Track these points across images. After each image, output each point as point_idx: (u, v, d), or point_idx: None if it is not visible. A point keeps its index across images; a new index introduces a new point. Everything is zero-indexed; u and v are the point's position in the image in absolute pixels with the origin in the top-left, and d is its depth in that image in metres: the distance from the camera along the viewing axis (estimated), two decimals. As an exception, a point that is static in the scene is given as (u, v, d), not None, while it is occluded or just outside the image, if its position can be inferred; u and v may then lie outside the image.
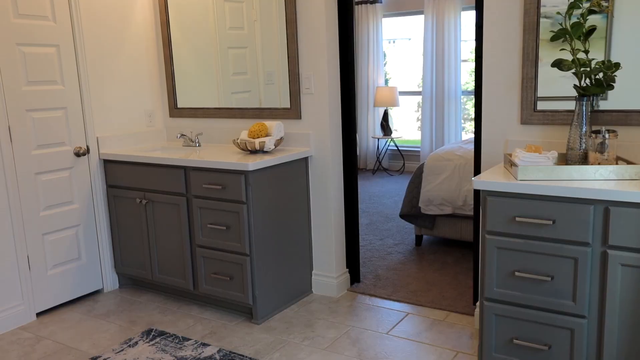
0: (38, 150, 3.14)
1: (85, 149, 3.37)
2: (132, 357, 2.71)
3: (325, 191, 3.28)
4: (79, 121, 3.33)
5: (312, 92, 3.21)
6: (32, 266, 3.15)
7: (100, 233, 3.49)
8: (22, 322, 3.10)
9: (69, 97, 3.27)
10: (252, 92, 3.55)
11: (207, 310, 3.23)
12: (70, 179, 3.31)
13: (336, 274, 3.37)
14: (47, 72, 3.15)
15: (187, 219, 3.15)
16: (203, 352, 2.74)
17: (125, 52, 3.57)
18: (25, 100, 3.05)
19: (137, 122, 3.69)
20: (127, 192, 3.39)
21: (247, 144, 3.14)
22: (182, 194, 3.15)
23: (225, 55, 3.58)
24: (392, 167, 7.71)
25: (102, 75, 3.44)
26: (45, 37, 3.12)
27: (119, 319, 3.16)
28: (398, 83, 8.19)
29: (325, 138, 3.22)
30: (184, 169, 3.11)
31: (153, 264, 3.37)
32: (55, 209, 3.25)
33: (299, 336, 2.88)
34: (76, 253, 3.38)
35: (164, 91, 3.84)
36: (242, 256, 2.98)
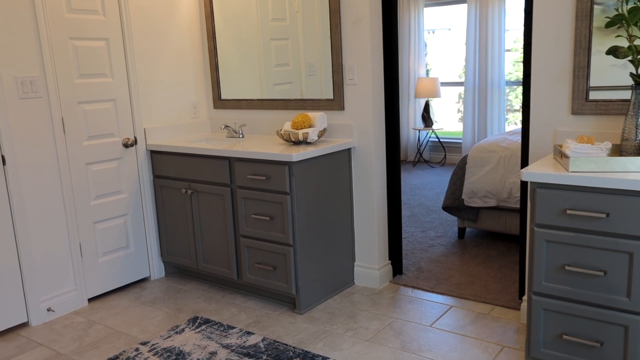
0: (89, 141, 3.24)
1: (133, 140, 3.46)
2: (179, 343, 2.78)
3: (368, 182, 3.27)
4: (127, 113, 3.42)
5: (355, 82, 3.20)
6: (84, 253, 3.26)
7: (147, 222, 3.58)
8: (75, 307, 3.22)
9: (117, 90, 3.35)
10: (293, 84, 3.56)
11: (250, 300, 3.28)
12: (118, 169, 3.40)
13: (378, 266, 3.36)
14: (98, 65, 3.23)
15: (231, 209, 3.20)
16: (247, 340, 2.79)
17: (170, 45, 3.64)
18: (77, 93, 3.15)
19: (182, 113, 3.76)
20: (173, 183, 3.46)
21: (290, 135, 3.16)
22: (226, 184, 3.19)
23: (267, 47, 3.60)
24: (433, 159, 7.62)
25: (149, 68, 3.52)
26: (96, 31, 3.21)
27: (165, 306, 3.24)
28: (439, 74, 8.07)
29: (369, 129, 3.21)
30: (228, 159, 3.15)
31: (198, 253, 3.43)
32: (105, 199, 3.35)
33: (341, 327, 2.89)
34: (125, 241, 3.48)
35: (208, 83, 3.89)
36: (285, 246, 3.01)
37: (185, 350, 2.70)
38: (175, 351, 2.70)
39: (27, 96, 2.91)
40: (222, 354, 2.65)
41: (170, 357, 2.64)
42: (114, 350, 2.74)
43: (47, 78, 2.98)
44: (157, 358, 2.64)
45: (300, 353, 2.63)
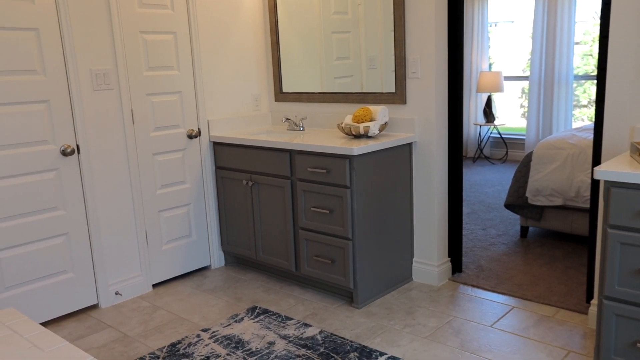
0: (156, 132, 3.34)
1: (197, 131, 3.54)
2: (239, 332, 2.84)
3: (429, 178, 3.22)
4: (192, 105, 3.50)
5: (419, 76, 3.15)
6: (150, 241, 3.38)
7: (208, 212, 3.66)
8: (140, 292, 3.34)
9: (183, 82, 3.44)
10: (354, 77, 3.54)
11: (308, 292, 3.31)
12: (183, 159, 3.50)
13: (437, 263, 3.31)
14: (165, 58, 3.33)
15: (291, 201, 3.22)
16: (305, 332, 2.81)
17: (234, 39, 3.69)
18: (145, 85, 3.25)
19: (244, 106, 3.82)
20: (234, 174, 3.53)
21: (351, 129, 3.14)
22: (287, 176, 3.22)
23: (329, 40, 3.60)
24: (494, 155, 7.42)
25: (213, 61, 3.59)
26: (164, 25, 3.30)
27: (225, 295, 3.31)
28: (501, 68, 7.83)
29: (431, 124, 3.15)
30: (289, 152, 3.18)
31: (257, 244, 3.49)
32: (170, 188, 3.45)
33: (399, 323, 2.87)
34: (187, 230, 3.57)
35: (270, 76, 3.93)
36: (344, 240, 3.01)
37: (245, 339, 2.76)
38: (234, 339, 2.76)
39: (100, 88, 3.03)
40: (280, 344, 2.69)
41: (230, 345, 2.70)
42: (176, 335, 2.83)
43: (118, 71, 3.10)
44: (217, 345, 2.71)
45: (358, 347, 2.63)
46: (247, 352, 2.63)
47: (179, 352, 2.65)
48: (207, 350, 2.66)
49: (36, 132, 2.83)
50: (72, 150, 2.94)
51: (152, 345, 2.74)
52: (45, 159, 2.87)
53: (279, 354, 2.60)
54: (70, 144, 2.96)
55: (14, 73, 2.72)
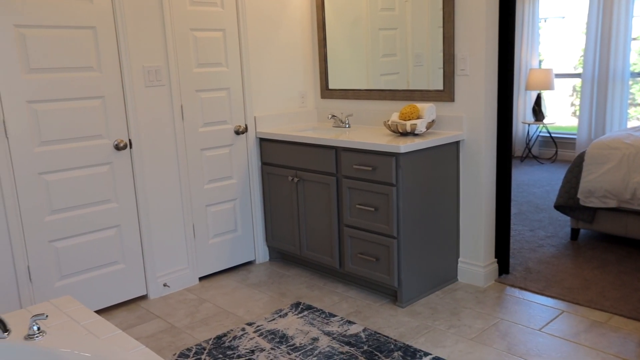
0: (204, 128, 3.40)
1: (244, 127, 3.59)
2: (283, 327, 2.86)
3: (477, 177, 3.16)
4: (240, 101, 3.55)
5: (467, 73, 3.09)
6: (197, 234, 3.45)
7: (254, 208, 3.71)
8: (187, 285, 3.42)
9: (231, 79, 3.49)
10: (400, 74, 3.51)
11: (351, 289, 3.30)
12: (230, 155, 3.55)
13: (484, 263, 3.24)
14: (214, 55, 3.38)
15: (336, 198, 3.22)
16: (349, 329, 2.81)
17: (281, 36, 3.72)
18: (195, 81, 3.32)
19: (290, 102, 3.84)
20: (280, 170, 3.56)
21: (398, 126, 3.12)
22: (332, 173, 3.23)
23: (375, 37, 3.57)
24: (542, 155, 7.22)
25: (261, 58, 3.62)
26: (214, 23, 3.35)
27: (269, 290, 3.35)
28: (552, 65, 7.60)
29: (479, 122, 3.09)
30: (335, 149, 3.18)
31: (302, 240, 3.51)
32: (217, 183, 3.51)
33: (444, 323, 2.83)
34: (233, 225, 3.63)
35: (316, 73, 3.94)
36: (389, 238, 2.99)
37: (289, 334, 2.78)
38: (279, 334, 2.78)
39: (152, 84, 3.11)
40: (323, 341, 2.70)
41: (274, 340, 2.73)
42: (222, 328, 2.88)
43: (169, 67, 3.17)
44: (262, 339, 2.74)
45: (402, 346, 2.61)
46: (291, 347, 2.65)
47: (225, 344, 2.70)
48: (252, 344, 2.69)
49: (92, 127, 2.92)
50: (124, 145, 3.03)
51: (199, 337, 2.80)
52: (99, 153, 2.97)
53: (322, 350, 2.61)
54: (123, 139, 3.05)
55: (73, 70, 2.83)
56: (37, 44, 2.69)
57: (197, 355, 2.61)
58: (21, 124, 2.69)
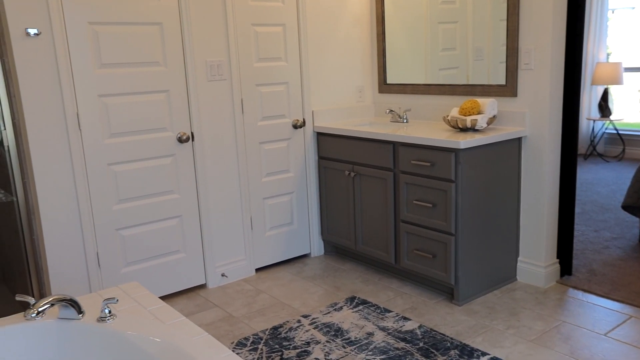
0: (263, 121, 3.46)
1: (302, 121, 3.62)
2: (338, 320, 2.88)
3: (539, 174, 3.07)
4: (298, 95, 3.58)
5: (532, 67, 3.00)
6: (254, 226, 3.51)
7: (310, 201, 3.74)
8: (244, 275, 3.49)
9: (290, 73, 3.52)
10: (459, 69, 3.45)
11: (406, 285, 3.28)
12: (287, 149, 3.59)
13: (545, 264, 3.15)
14: (274, 49, 3.42)
15: (393, 193, 3.21)
16: (404, 325, 2.79)
17: (340, 30, 3.72)
18: (255, 76, 3.37)
19: (348, 97, 3.84)
20: (336, 164, 3.57)
21: (457, 122, 3.07)
22: (389, 168, 3.21)
23: (435, 31, 3.52)
24: (608, 153, 6.92)
25: (320, 52, 3.64)
26: (274, 17, 3.39)
27: (324, 283, 3.37)
28: (620, 58, 7.26)
29: (543, 118, 3.00)
30: (392, 144, 3.16)
31: (357, 235, 3.51)
32: (274, 176, 3.56)
33: (502, 323, 2.77)
34: (289, 218, 3.67)
35: (374, 67, 3.93)
36: (446, 235, 2.95)
37: (344, 328, 2.79)
38: (334, 327, 2.80)
39: (214, 78, 3.18)
40: (379, 336, 2.70)
41: (329, 333, 2.75)
42: (278, 319, 2.93)
43: (231, 62, 3.23)
44: (317, 331, 2.77)
45: (458, 345, 2.57)
46: (346, 341, 2.66)
47: (281, 335, 2.74)
48: (307, 336, 2.72)
49: (157, 120, 3.02)
50: (187, 138, 3.12)
51: (255, 327, 2.85)
52: (163, 145, 3.07)
53: (377, 345, 2.61)
54: (186, 132, 3.14)
55: (140, 65, 2.93)
56: (108, 40, 2.81)
57: (254, 344, 2.66)
58: (93, 116, 2.81)
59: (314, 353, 2.56)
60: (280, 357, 2.54)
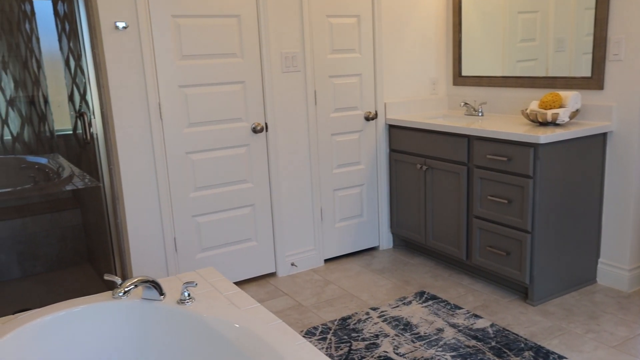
0: (335, 113, 3.47)
1: (374, 113, 3.60)
2: (407, 314, 2.86)
3: (626, 172, 2.90)
4: (371, 87, 3.56)
5: (621, 58, 2.84)
6: (324, 217, 3.54)
7: (380, 194, 3.72)
8: (313, 265, 3.53)
9: (364, 65, 3.51)
10: (538, 60, 3.31)
11: (477, 282, 3.21)
12: (359, 141, 3.58)
13: (630, 267, 2.98)
14: (348, 41, 3.42)
15: (466, 188, 3.14)
16: (475, 323, 2.74)
17: (415, 21, 3.66)
18: (328, 67, 3.38)
19: (421, 89, 3.79)
20: (408, 157, 3.53)
21: (537, 115, 2.95)
22: (463, 163, 3.14)
23: (514, 21, 3.39)
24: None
25: (393, 44, 3.60)
26: (349, 9, 3.38)
27: (393, 277, 3.35)
28: None
29: (633, 112, 2.83)
30: (467, 138, 3.08)
31: (427, 229, 3.46)
32: (345, 168, 3.57)
33: (581, 327, 2.66)
34: (359, 210, 3.67)
35: (449, 59, 3.84)
36: (522, 232, 2.85)
37: (413, 322, 2.77)
38: (402, 321, 2.78)
39: (288, 70, 3.22)
40: (449, 332, 2.65)
41: (398, 326, 2.74)
42: (347, 311, 2.94)
43: (305, 53, 3.26)
44: (386, 325, 2.76)
45: (533, 346, 2.49)
46: (415, 336, 2.64)
47: (349, 326, 2.76)
48: (376, 329, 2.72)
49: (233, 111, 3.10)
50: (261, 128, 3.18)
51: (324, 316, 2.88)
52: (239, 135, 3.14)
53: (447, 342, 2.57)
54: (260, 122, 3.20)
55: (218, 56, 3.01)
56: (189, 32, 2.90)
57: (323, 334, 2.69)
58: (173, 106, 2.92)
59: (382, 346, 2.56)
60: (348, 348, 2.55)
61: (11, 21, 3.57)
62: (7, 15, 3.54)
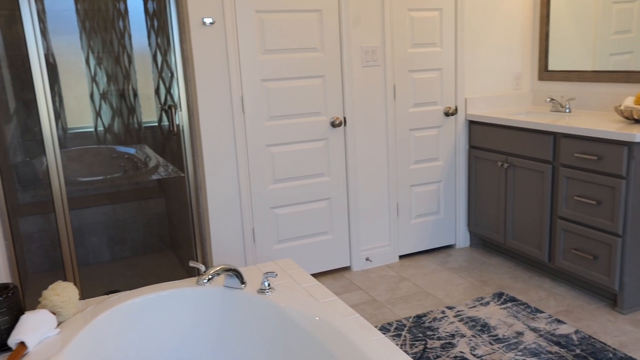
0: (414, 108, 3.42)
1: (454, 109, 3.52)
2: (484, 315, 2.78)
3: None
4: (451, 82, 3.48)
5: None
6: (400, 213, 3.51)
7: (458, 191, 3.64)
8: (387, 261, 3.51)
9: (444, 59, 3.43)
10: (634, 54, 3.10)
11: (560, 286, 3.07)
12: (437, 137, 3.52)
13: None
14: (429, 35, 3.36)
15: (550, 188, 3.00)
16: (558, 329, 2.62)
17: (500, 14, 3.54)
18: (408, 62, 3.34)
19: (503, 84, 3.66)
20: (488, 154, 3.42)
21: (632, 112, 2.77)
22: (548, 161, 3.01)
23: (608, 11, 3.20)
24: None
25: (476, 37, 3.50)
26: (431, 2, 3.32)
27: (470, 276, 3.28)
28: None
29: None
30: (553, 135, 2.95)
31: (507, 229, 3.35)
32: (423, 164, 3.52)
33: (676, 339, 2.49)
34: (436, 207, 3.61)
35: (534, 53, 3.68)
36: (612, 236, 2.70)
37: (490, 324, 2.69)
38: (480, 322, 2.72)
39: (368, 64, 3.21)
40: (529, 336, 2.56)
41: (475, 327, 2.67)
42: (421, 308, 2.90)
43: (385, 48, 3.23)
44: (462, 325, 2.70)
45: (623, 357, 2.35)
46: (493, 338, 2.56)
47: (424, 324, 2.72)
48: (452, 328, 2.67)
49: (312, 104, 3.13)
50: (339, 122, 3.19)
51: (399, 313, 2.86)
52: (317, 129, 3.17)
53: (528, 346, 2.48)
54: (339, 116, 3.21)
55: (299, 51, 3.05)
56: (272, 27, 2.96)
57: (397, 330, 2.67)
58: (255, 100, 2.99)
59: (458, 346, 2.51)
60: (424, 346, 2.52)
61: (106, 19, 3.78)
62: (103, 13, 3.75)
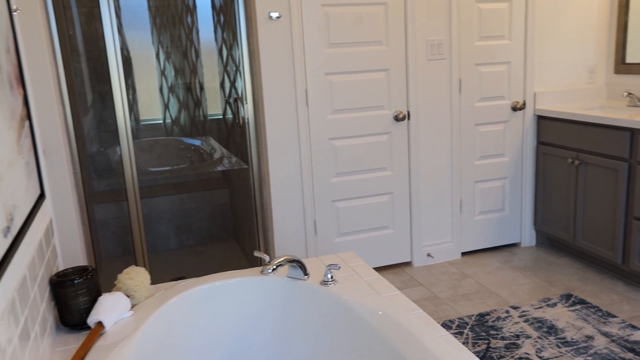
0: (480, 102, 3.33)
1: (522, 103, 3.40)
2: (551, 317, 2.69)
3: None
4: (520, 76, 3.37)
5: None
6: (463, 209, 3.44)
7: (524, 188, 3.52)
8: (449, 258, 3.45)
9: (513, 52, 3.33)
10: None
11: (635, 290, 2.92)
12: (504, 132, 3.42)
13: None
14: (498, 27, 3.26)
15: (626, 186, 2.86)
16: (632, 335, 2.50)
17: (573, 2, 3.39)
18: (475, 55, 3.26)
19: (575, 78, 3.51)
20: (558, 151, 3.30)
21: None
22: (624, 158, 2.86)
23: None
24: None
25: (547, 29, 3.37)
26: (500, -7, 3.23)
27: (535, 276, 3.17)
28: None
29: None
30: (631, 131, 2.80)
31: (577, 228, 3.22)
32: (488, 160, 3.43)
33: None
34: (500, 204, 3.51)
35: (610, 45, 3.51)
36: (694, 239, 2.54)
37: (558, 326, 2.60)
38: (546, 324, 2.63)
39: (433, 57, 3.15)
40: (600, 341, 2.45)
41: (541, 328, 2.59)
42: (484, 307, 2.84)
43: (451, 41, 3.17)
44: (527, 325, 2.62)
45: (703, 367, 2.22)
46: (561, 340, 2.48)
47: (487, 323, 2.66)
48: (516, 328, 2.60)
49: (376, 98, 3.11)
50: (403, 116, 3.16)
51: (461, 310, 2.81)
52: (381, 122, 3.15)
53: (599, 351, 2.38)
54: (402, 110, 3.17)
55: (364, 44, 3.03)
56: (336, 21, 2.96)
57: (459, 328, 2.63)
58: (319, 93, 3.01)
59: (523, 347, 2.44)
60: (487, 345, 2.47)
61: (175, 15, 3.90)
62: (172, 9, 3.87)
